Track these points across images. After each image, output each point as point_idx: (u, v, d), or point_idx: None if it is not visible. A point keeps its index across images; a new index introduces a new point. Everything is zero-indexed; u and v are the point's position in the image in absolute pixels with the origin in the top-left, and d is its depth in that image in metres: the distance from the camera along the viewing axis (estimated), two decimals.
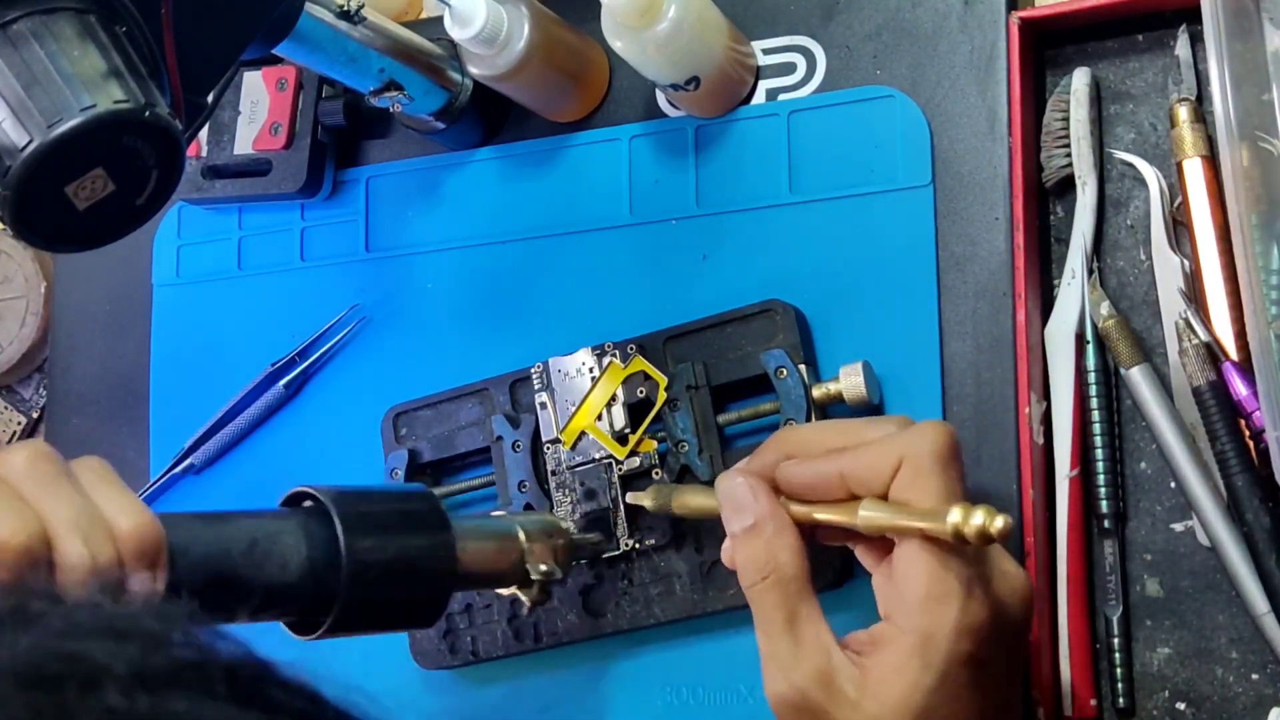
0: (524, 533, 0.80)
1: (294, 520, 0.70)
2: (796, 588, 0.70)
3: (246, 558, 0.67)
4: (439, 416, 0.95)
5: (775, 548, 0.70)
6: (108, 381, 1.07)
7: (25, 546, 0.56)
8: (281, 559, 0.68)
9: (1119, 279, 0.87)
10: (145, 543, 0.60)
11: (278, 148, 1.00)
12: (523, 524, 0.81)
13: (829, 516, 0.71)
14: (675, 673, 0.89)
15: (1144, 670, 0.83)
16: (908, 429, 0.70)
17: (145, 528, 0.60)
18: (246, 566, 0.66)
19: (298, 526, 0.69)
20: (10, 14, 0.64)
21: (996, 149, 0.87)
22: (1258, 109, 0.78)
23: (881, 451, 0.69)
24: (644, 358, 0.89)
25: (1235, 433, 0.80)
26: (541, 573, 0.80)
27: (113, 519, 0.60)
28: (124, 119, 0.64)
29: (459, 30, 0.88)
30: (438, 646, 0.93)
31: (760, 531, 0.71)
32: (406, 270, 1.00)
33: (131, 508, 0.60)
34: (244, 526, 0.68)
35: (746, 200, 0.93)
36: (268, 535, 0.68)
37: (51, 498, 0.59)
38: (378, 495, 0.75)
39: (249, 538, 0.67)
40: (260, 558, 0.67)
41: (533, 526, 0.81)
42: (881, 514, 0.69)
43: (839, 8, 0.93)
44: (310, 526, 0.70)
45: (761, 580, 0.70)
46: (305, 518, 0.70)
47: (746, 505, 0.71)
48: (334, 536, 0.70)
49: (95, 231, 0.68)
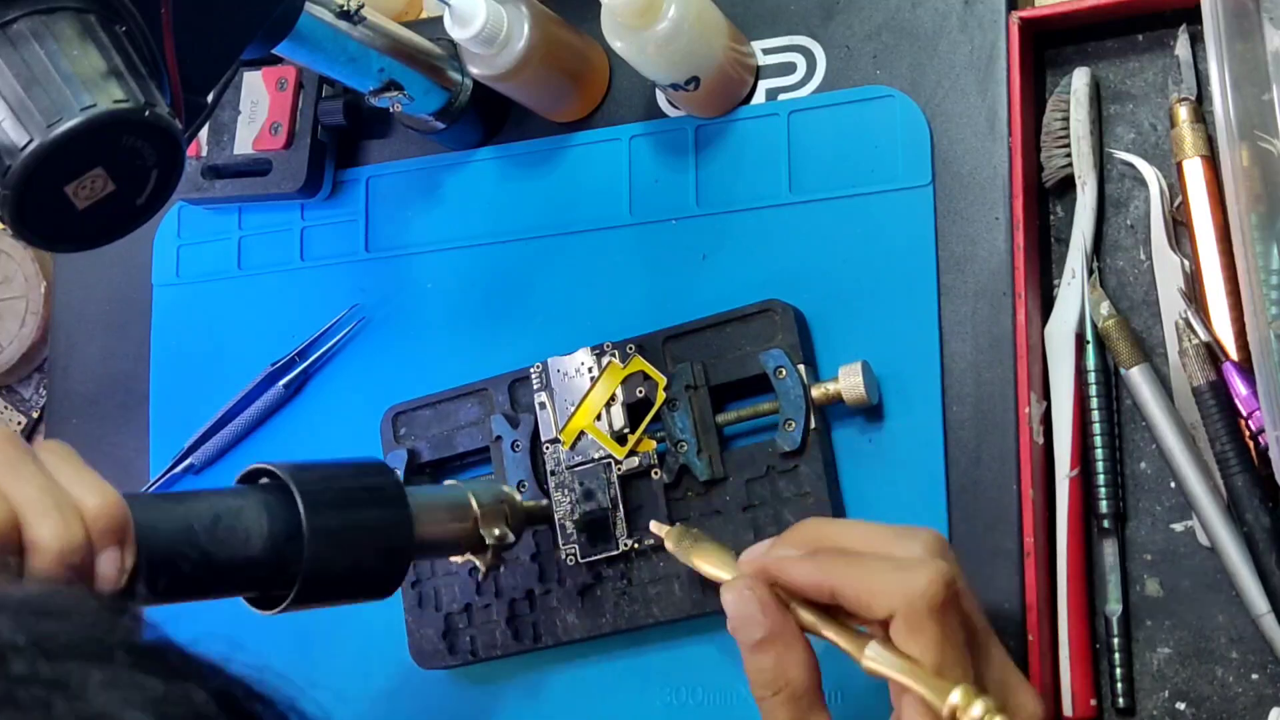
0: (476, 500, 0.82)
1: (255, 496, 0.71)
2: (808, 701, 0.69)
3: (210, 534, 0.68)
4: (438, 416, 0.95)
5: (786, 663, 0.68)
6: (108, 381, 1.07)
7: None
8: (245, 533, 0.69)
9: (1119, 279, 0.87)
10: (113, 521, 0.61)
11: (278, 148, 1.00)
12: (474, 491, 0.83)
13: (835, 639, 0.68)
14: (675, 673, 0.89)
15: (1144, 670, 0.83)
16: (912, 569, 0.66)
17: (112, 506, 0.61)
18: (211, 542, 0.68)
19: (259, 502, 0.71)
20: (10, 14, 0.64)
21: (996, 149, 0.87)
22: (1258, 109, 0.78)
23: (877, 590, 0.66)
24: (643, 357, 0.89)
25: (1235, 433, 0.80)
26: (495, 537, 0.82)
27: (80, 499, 0.60)
28: (124, 119, 0.64)
29: (459, 30, 0.88)
30: (437, 646, 0.93)
31: (770, 647, 0.69)
32: (406, 270, 1.00)
33: (97, 487, 0.61)
34: (207, 503, 0.69)
35: (746, 200, 0.93)
36: (230, 511, 0.69)
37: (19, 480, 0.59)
38: (336, 469, 0.76)
39: (212, 514, 0.68)
40: (224, 533, 0.68)
41: (484, 494, 0.83)
42: (886, 665, 0.66)
43: (839, 8, 0.93)
44: (271, 502, 0.71)
45: (773, 695, 0.69)
46: (266, 494, 0.72)
47: (755, 620, 0.69)
48: (294, 510, 0.71)
49: (95, 231, 0.68)
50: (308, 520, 0.71)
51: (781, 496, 0.86)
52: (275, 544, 0.70)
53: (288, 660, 1.06)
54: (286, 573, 0.71)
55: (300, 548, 0.71)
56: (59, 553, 0.58)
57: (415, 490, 0.79)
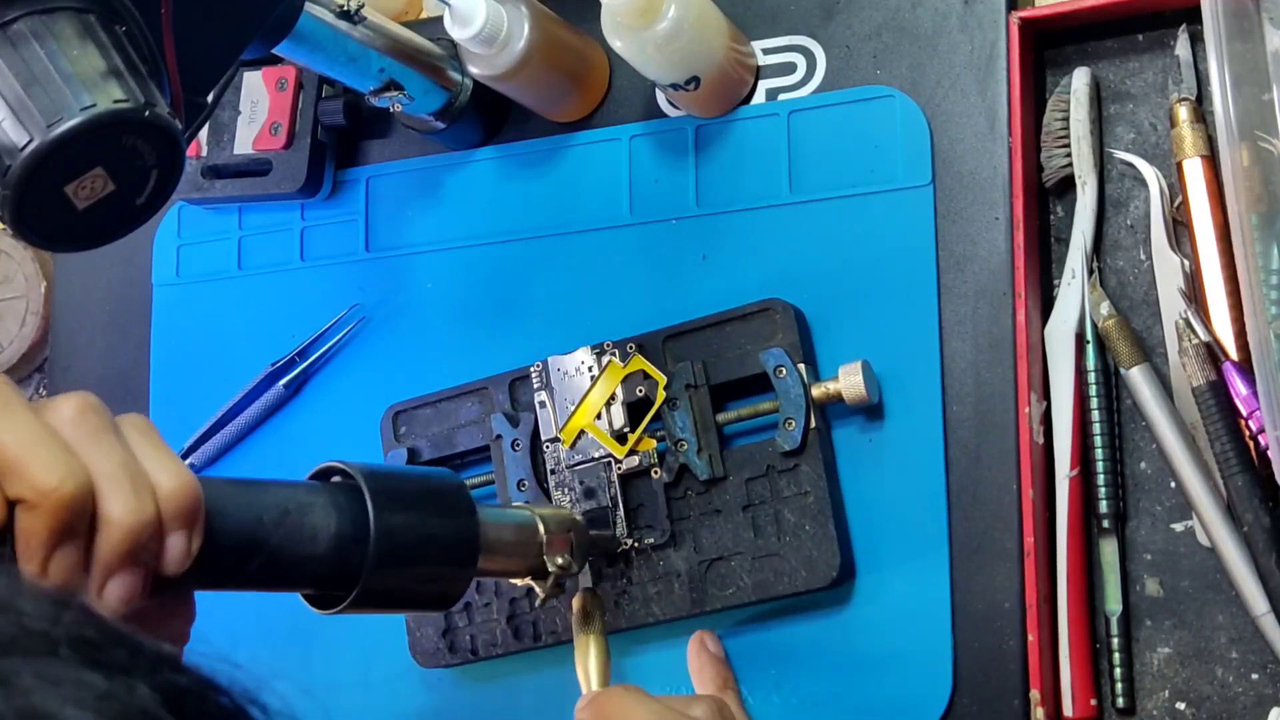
0: (543, 525, 0.81)
1: (325, 493, 0.70)
2: None
3: (278, 526, 0.67)
4: (438, 415, 0.95)
5: None
6: (108, 381, 1.07)
7: (73, 496, 0.56)
8: (312, 530, 0.68)
9: (1119, 279, 0.87)
10: (186, 503, 0.60)
11: (278, 148, 1.00)
12: (542, 516, 0.81)
13: None
14: (674, 672, 0.89)
15: (1144, 670, 0.83)
16: None
17: (187, 488, 0.60)
18: (277, 535, 0.66)
19: (329, 500, 0.69)
20: (10, 14, 0.64)
21: (996, 149, 0.87)
22: (1258, 109, 0.78)
23: None
24: (643, 356, 0.89)
25: (1235, 433, 0.80)
26: (558, 565, 0.80)
27: (155, 476, 0.59)
28: (124, 118, 0.64)
29: (459, 30, 0.88)
30: (437, 645, 0.93)
31: None
32: (406, 270, 1.00)
33: (174, 467, 0.60)
34: (277, 495, 0.68)
35: (746, 200, 0.93)
36: (300, 506, 0.68)
37: (98, 450, 0.58)
38: (408, 475, 0.75)
39: (282, 507, 0.67)
40: (291, 527, 0.67)
41: (552, 519, 0.81)
42: None
43: (839, 8, 0.93)
44: (341, 501, 0.70)
45: None
46: (336, 492, 0.70)
47: None
48: (364, 512, 0.70)
49: (95, 231, 0.68)
50: (376, 523, 0.69)
51: (781, 495, 0.86)
52: (341, 544, 0.69)
53: (288, 658, 1.06)
54: (348, 574, 0.69)
55: (365, 551, 0.69)
56: (130, 529, 0.57)
57: (485, 509, 0.77)
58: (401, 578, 0.72)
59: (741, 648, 0.88)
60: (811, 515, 0.85)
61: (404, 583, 0.73)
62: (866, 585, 0.86)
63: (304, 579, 0.70)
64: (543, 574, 0.81)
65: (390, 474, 0.73)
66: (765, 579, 0.86)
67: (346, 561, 0.69)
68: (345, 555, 0.69)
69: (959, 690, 0.83)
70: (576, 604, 0.86)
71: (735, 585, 0.87)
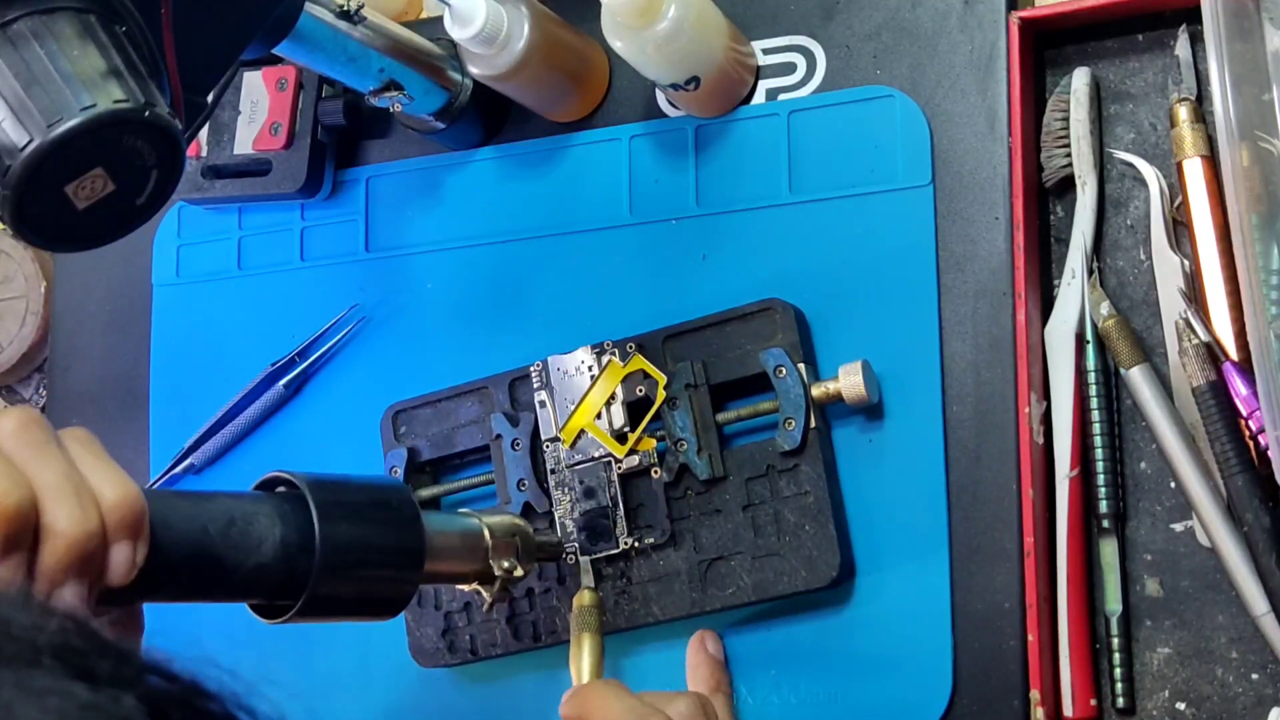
0: (489, 531, 0.82)
1: (270, 503, 0.71)
2: None
3: (224, 536, 0.67)
4: (438, 415, 0.95)
5: None
6: (108, 381, 1.07)
7: (17, 509, 0.56)
8: (257, 539, 0.69)
9: (1119, 279, 0.87)
10: (130, 513, 0.60)
11: (278, 148, 1.00)
12: (488, 522, 0.82)
13: None
14: (674, 672, 0.89)
15: (1144, 670, 0.83)
16: None
17: (130, 498, 0.60)
18: (223, 544, 0.67)
19: (274, 509, 0.70)
20: (10, 14, 0.64)
21: (996, 149, 0.87)
22: (1258, 109, 0.78)
23: None
24: (643, 356, 0.89)
25: (1235, 433, 0.80)
26: (504, 569, 0.82)
27: (99, 488, 0.60)
28: (124, 118, 0.64)
29: (459, 30, 0.88)
30: (436, 645, 0.93)
31: None
32: (406, 270, 1.00)
33: (117, 479, 0.61)
34: (222, 505, 0.69)
35: (746, 200, 0.93)
36: (245, 515, 0.69)
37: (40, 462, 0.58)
38: (353, 485, 0.75)
39: (227, 516, 0.68)
40: (237, 536, 0.68)
41: (498, 525, 0.83)
42: None
43: (839, 8, 0.93)
44: (286, 510, 0.71)
45: None
46: (282, 502, 0.71)
47: None
48: (309, 521, 0.70)
49: (95, 231, 0.68)
50: (320, 532, 0.70)
51: (781, 495, 0.86)
52: (287, 553, 0.69)
53: (287, 659, 1.06)
54: (295, 582, 0.70)
55: (311, 560, 0.70)
56: (73, 540, 0.57)
57: (430, 516, 0.78)
58: (348, 585, 0.73)
59: (741, 648, 0.88)
60: (811, 515, 0.85)
61: (350, 590, 0.73)
62: (866, 585, 0.86)
63: (251, 588, 0.70)
64: (489, 579, 0.82)
65: (335, 482, 0.73)
66: (765, 579, 0.86)
67: (293, 570, 0.70)
68: (292, 564, 0.70)
69: (959, 690, 0.83)
70: (576, 602, 0.86)
71: (735, 585, 0.87)
